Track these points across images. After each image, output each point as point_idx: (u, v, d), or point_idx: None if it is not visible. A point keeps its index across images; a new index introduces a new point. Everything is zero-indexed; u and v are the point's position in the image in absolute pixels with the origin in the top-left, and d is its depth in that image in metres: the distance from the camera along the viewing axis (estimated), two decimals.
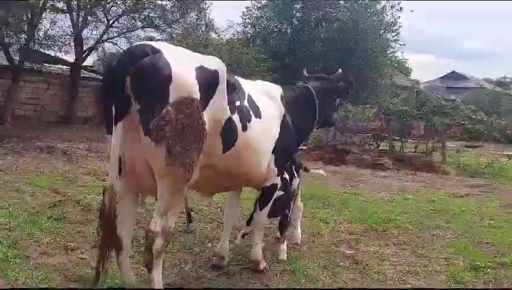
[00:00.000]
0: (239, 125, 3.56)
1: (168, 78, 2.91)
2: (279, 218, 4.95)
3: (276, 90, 4.50)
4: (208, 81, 3.20)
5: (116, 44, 19.25)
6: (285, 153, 4.41)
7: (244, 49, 22.80)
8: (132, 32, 19.27)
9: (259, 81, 4.53)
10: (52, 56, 19.51)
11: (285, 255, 4.81)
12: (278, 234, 4.97)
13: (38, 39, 17.97)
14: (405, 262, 5.04)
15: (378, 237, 5.96)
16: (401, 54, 32.41)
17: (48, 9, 17.94)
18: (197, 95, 3.05)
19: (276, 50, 26.49)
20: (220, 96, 3.32)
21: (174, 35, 20.48)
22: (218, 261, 4.44)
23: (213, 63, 3.32)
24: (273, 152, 4.19)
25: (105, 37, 19.21)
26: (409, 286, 4.35)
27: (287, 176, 4.86)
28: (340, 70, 5.22)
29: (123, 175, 3.15)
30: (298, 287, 4.13)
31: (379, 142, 17.65)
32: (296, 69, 25.87)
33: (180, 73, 2.97)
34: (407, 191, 10.03)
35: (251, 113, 3.77)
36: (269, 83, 4.69)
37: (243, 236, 5.12)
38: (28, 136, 13.93)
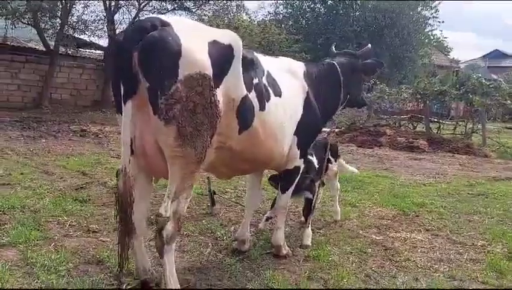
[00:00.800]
0: (256, 105, 3.36)
1: (178, 53, 2.74)
2: (303, 202, 4.78)
3: (299, 67, 4.25)
4: (222, 57, 3.01)
5: None
6: (309, 134, 4.19)
7: (276, 30, 22.43)
8: (162, 15, 19.18)
9: (281, 58, 4.29)
10: (86, 41, 19.79)
11: (310, 240, 4.62)
12: (303, 218, 4.80)
13: (72, 24, 18.19)
14: (438, 249, 4.76)
15: (409, 223, 5.68)
16: (439, 32, 31.19)
17: None
18: (209, 71, 2.86)
19: (309, 30, 25.97)
20: (235, 72, 3.12)
21: (204, 17, 20.33)
22: (239, 246, 4.30)
23: (227, 37, 3.11)
24: (295, 133, 3.98)
25: (136, 20, 19.21)
26: (441, 275, 4.08)
27: (312, 159, 4.67)
28: (369, 45, 4.91)
29: (134, 157, 3.03)
30: (320, 273, 3.93)
31: (415, 124, 17.06)
32: (327, 50, 25.29)
33: (190, 47, 2.79)
34: (444, 174, 9.61)
35: (270, 91, 3.56)
36: (291, 59, 4.44)
37: (266, 220, 4.98)
38: (63, 119, 14.22)
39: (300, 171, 4.25)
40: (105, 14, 18.99)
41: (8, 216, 4.74)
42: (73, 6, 18.12)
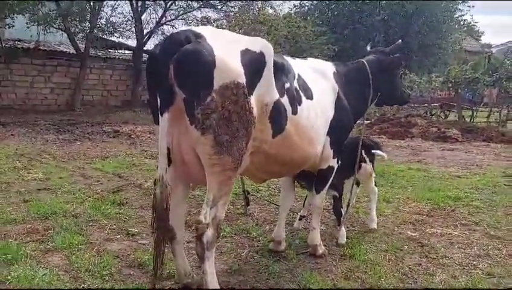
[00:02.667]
0: (289, 109, 3.40)
1: (212, 64, 2.79)
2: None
3: (329, 67, 4.27)
4: (254, 64, 3.05)
5: (173, 26, 19.45)
6: (341, 134, 4.20)
7: (302, 22, 22.30)
8: (189, 14, 19.38)
9: (310, 59, 4.30)
10: (115, 42, 20.18)
11: (345, 239, 4.64)
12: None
13: (101, 26, 18.58)
14: (475, 245, 4.70)
15: (445, 217, 5.62)
16: (470, 16, 30.33)
17: None
18: (243, 79, 2.91)
19: (335, 22, 25.69)
20: (268, 78, 3.16)
21: (230, 13, 20.40)
22: (275, 246, 4.36)
23: (258, 44, 3.14)
24: (327, 133, 4.01)
25: (163, 20, 19.47)
26: (479, 272, 4.03)
27: None
28: (400, 41, 4.87)
29: (172, 165, 3.11)
30: (357, 273, 3.95)
31: (447, 113, 16.71)
32: (356, 41, 25.10)
33: (223, 57, 2.84)
34: (478, 165, 9.42)
35: (301, 95, 3.58)
36: (321, 60, 4.45)
37: (300, 219, 5.02)
38: (96, 121, 14.59)
39: (334, 171, 4.26)
40: (132, 15, 19.33)
41: (52, 221, 4.92)
42: (102, 9, 18.50)
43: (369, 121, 15.28)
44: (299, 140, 3.54)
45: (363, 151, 4.91)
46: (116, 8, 19.21)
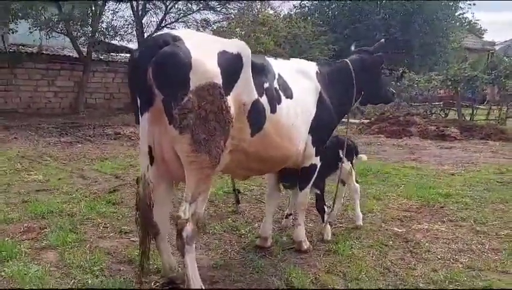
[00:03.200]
0: (267, 108, 3.51)
1: (188, 66, 2.92)
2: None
3: (312, 67, 4.39)
4: (231, 65, 3.18)
5: (174, 29, 19.59)
6: (323, 133, 4.32)
7: (301, 23, 22.42)
8: (188, 16, 19.55)
9: (293, 60, 4.43)
10: (116, 45, 20.39)
11: (330, 235, 4.76)
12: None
13: (103, 30, 18.79)
14: (460, 240, 4.80)
15: (434, 214, 5.72)
16: (471, 14, 30.26)
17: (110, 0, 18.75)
18: (219, 80, 3.04)
19: (335, 21, 25.78)
20: (245, 79, 3.28)
21: (230, 15, 20.56)
22: (261, 242, 4.48)
23: (236, 46, 3.27)
24: (309, 132, 4.12)
25: (163, 23, 19.66)
26: (459, 265, 4.14)
27: None
28: (383, 40, 4.99)
29: (154, 164, 3.25)
30: (340, 267, 4.06)
31: (447, 111, 16.76)
32: (357, 40, 25.13)
33: (200, 59, 2.97)
34: (474, 162, 9.50)
35: (281, 94, 3.70)
36: (304, 60, 4.57)
37: (286, 217, 5.14)
38: (98, 123, 14.79)
39: (317, 169, 4.38)
40: (133, 19, 19.53)
41: (48, 220, 5.08)
42: (103, 13, 18.72)
43: (368, 120, 15.38)
44: (278, 138, 3.66)
45: (340, 151, 4.98)
46: (118, 11, 19.41)
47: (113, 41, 20.06)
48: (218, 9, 19.48)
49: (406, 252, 4.48)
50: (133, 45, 20.51)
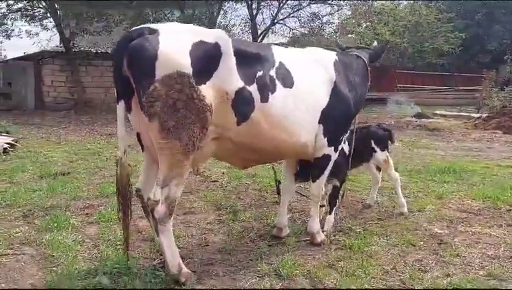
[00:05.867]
0: (257, 96, 3.53)
1: (154, 56, 3.10)
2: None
3: (328, 56, 4.28)
4: (208, 55, 3.28)
5: (285, 24, 20.00)
6: (338, 123, 4.17)
7: (424, 10, 21.01)
8: (300, 11, 19.70)
9: (309, 48, 4.37)
10: None
11: (331, 226, 4.67)
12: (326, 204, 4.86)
13: (222, 28, 19.94)
14: (504, 247, 4.25)
15: (494, 217, 5.12)
16: None
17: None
18: (188, 70, 3.16)
19: (465, 6, 23.56)
20: (227, 68, 3.35)
21: (345, 7, 20.22)
22: (277, 232, 4.51)
23: (213, 36, 3.36)
24: (320, 122, 4.03)
25: (276, 20, 20.15)
26: (481, 273, 3.68)
27: (343, 146, 4.61)
28: (383, 43, 4.93)
29: (145, 150, 3.56)
30: (344, 263, 3.91)
31: None
32: (489, 26, 22.65)
33: (166, 50, 3.13)
34: None
35: (277, 83, 3.68)
36: (323, 50, 4.46)
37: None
38: None
39: (332, 159, 4.26)
40: (249, 17, 20.36)
41: (108, 200, 5.71)
42: (220, 12, 19.90)
43: (486, 115, 13.92)
44: (269, 128, 3.64)
45: (372, 141, 4.86)
46: (235, 10, 20.44)
47: None
48: (329, 1, 19.27)
49: (430, 254, 4.12)
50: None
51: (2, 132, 11.72)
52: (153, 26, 3.34)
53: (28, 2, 19.07)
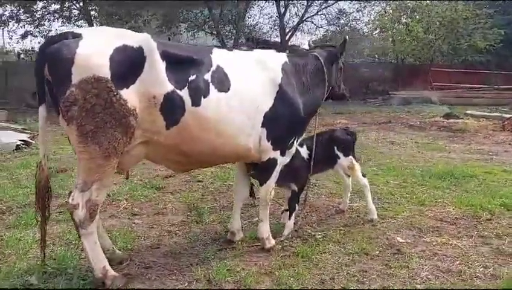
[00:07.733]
0: (188, 100, 3.49)
1: (70, 61, 3.12)
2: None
3: (277, 59, 4.18)
4: (131, 59, 3.28)
5: (312, 22, 19.74)
6: (284, 127, 4.05)
7: (460, 6, 20.15)
8: (327, 8, 19.41)
9: (255, 51, 4.25)
10: (265, 40, 21.44)
11: (288, 231, 4.56)
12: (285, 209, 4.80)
13: (249, 27, 20.03)
14: (467, 260, 4.04)
15: (467, 227, 4.84)
16: None
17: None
18: (107, 74, 3.15)
19: (507, 2, 22.38)
20: (153, 72, 3.33)
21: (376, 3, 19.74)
22: (231, 237, 4.46)
23: (138, 40, 3.33)
24: (263, 126, 3.95)
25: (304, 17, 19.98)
26: (419, 287, 3.48)
27: (301, 149, 4.49)
28: (346, 37, 4.78)
29: None
30: (283, 270, 3.81)
31: None
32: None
33: (84, 54, 3.13)
34: None
35: (212, 87, 3.62)
36: (271, 51, 4.32)
37: (282, 212, 4.99)
38: None
39: (279, 163, 4.17)
40: (278, 15, 20.28)
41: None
42: (248, 11, 19.95)
43: (509, 116, 13.22)
44: (201, 132, 3.59)
45: (335, 147, 4.72)
46: (264, 9, 20.42)
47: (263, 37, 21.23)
48: None
49: (379, 265, 3.95)
50: (278, 39, 21.30)
51: (26, 129, 12.31)
52: (77, 30, 3.36)
53: (63, 3, 19.84)
